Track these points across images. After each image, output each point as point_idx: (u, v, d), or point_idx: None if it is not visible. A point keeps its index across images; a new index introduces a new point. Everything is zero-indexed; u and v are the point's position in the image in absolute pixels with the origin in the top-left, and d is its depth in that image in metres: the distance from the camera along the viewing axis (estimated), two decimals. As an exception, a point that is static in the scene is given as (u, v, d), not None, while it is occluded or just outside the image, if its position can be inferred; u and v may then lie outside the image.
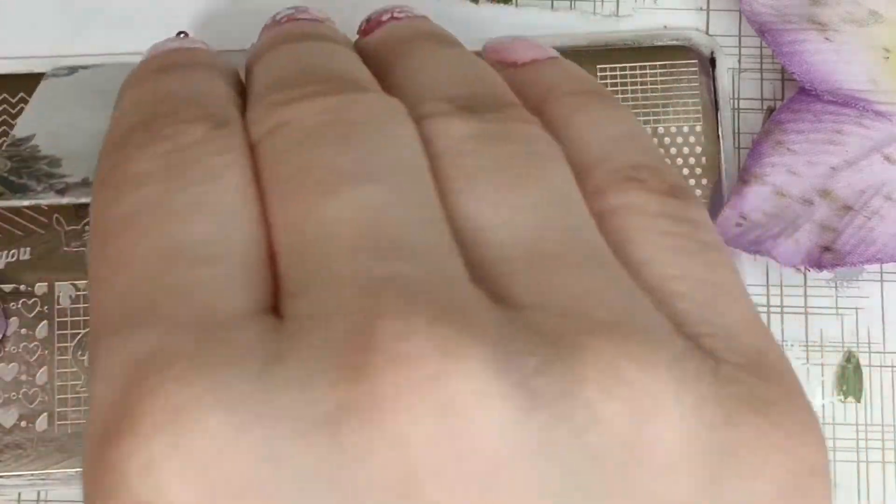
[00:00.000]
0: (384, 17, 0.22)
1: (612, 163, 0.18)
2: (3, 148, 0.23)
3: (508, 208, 0.16)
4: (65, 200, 0.21)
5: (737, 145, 0.29)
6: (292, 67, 0.19)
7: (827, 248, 0.26)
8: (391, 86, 0.19)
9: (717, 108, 0.28)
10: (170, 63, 0.20)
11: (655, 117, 0.28)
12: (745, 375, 0.16)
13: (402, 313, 0.14)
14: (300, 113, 0.17)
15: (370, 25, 0.22)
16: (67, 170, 0.22)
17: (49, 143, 0.23)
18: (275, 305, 0.16)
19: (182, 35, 0.22)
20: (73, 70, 0.27)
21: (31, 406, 0.27)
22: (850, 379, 0.28)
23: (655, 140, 0.28)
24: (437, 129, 0.17)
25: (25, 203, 0.21)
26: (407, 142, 0.17)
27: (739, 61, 0.29)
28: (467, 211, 0.16)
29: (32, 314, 0.27)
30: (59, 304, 0.27)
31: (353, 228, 0.15)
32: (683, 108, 0.28)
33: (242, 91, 0.20)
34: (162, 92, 0.18)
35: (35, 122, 0.24)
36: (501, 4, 0.29)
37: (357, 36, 0.23)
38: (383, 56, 0.21)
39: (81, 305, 0.27)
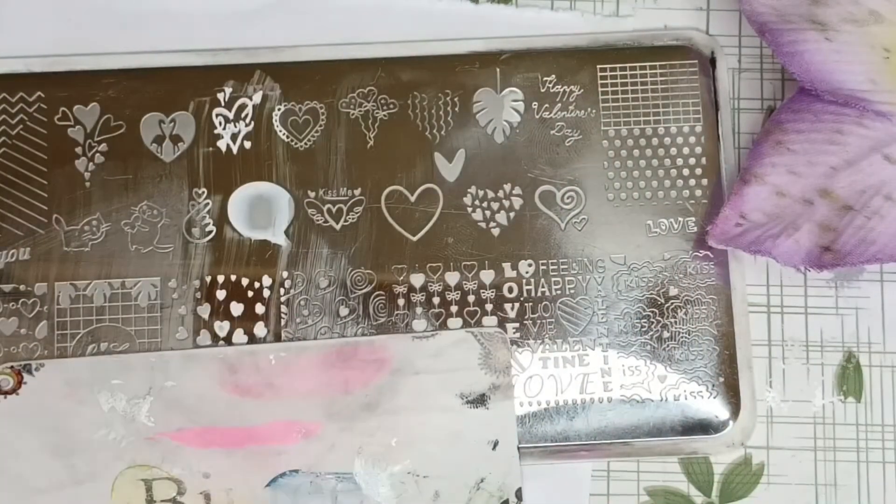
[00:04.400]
0: None
1: None
2: None
3: None
4: None
5: (737, 145, 0.29)
6: None
7: (827, 248, 0.26)
8: None
9: (717, 108, 0.28)
10: None
11: (655, 117, 0.28)
12: None
13: None
14: None
15: None
16: None
17: None
18: None
19: None
20: None
21: (31, 406, 0.27)
22: (850, 379, 0.28)
23: (656, 140, 0.28)
24: None
25: None
26: None
27: (739, 61, 0.29)
28: None
29: (32, 314, 0.27)
30: (58, 304, 0.27)
31: None
32: (683, 108, 0.28)
33: None
34: None
35: None
36: (501, 4, 0.29)
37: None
38: None
39: (81, 305, 0.27)
